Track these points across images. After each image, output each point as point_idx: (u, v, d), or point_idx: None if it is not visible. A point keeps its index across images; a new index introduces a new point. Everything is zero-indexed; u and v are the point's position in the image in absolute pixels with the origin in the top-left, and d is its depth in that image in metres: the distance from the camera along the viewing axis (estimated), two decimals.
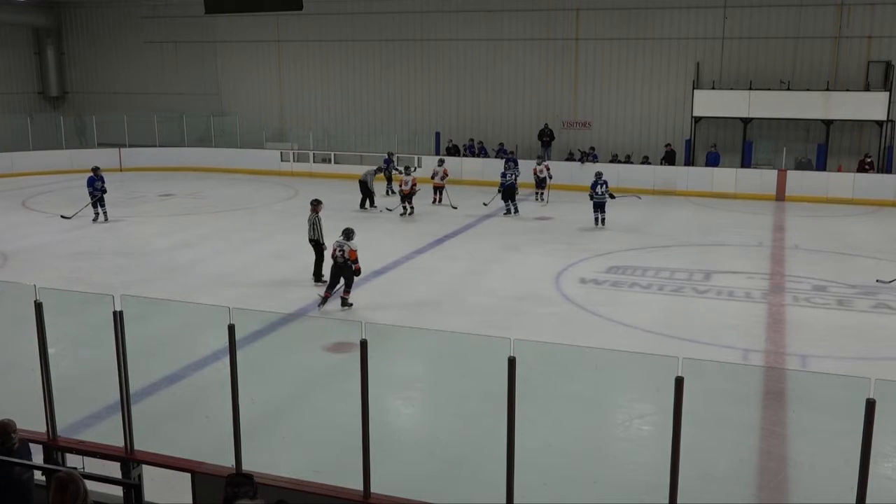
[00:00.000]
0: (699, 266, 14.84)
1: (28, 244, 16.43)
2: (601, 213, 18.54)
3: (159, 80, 32.02)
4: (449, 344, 8.51)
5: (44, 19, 32.37)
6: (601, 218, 18.57)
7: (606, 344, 9.56)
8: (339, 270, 11.91)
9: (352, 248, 11.85)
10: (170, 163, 28.56)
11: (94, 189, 18.70)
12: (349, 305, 12.06)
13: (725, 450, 7.49)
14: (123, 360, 5.36)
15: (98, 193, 18.64)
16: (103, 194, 18.70)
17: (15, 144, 27.93)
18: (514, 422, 4.54)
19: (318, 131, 29.39)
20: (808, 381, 9.06)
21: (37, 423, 5.59)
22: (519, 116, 27.53)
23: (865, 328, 11.46)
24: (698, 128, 24.73)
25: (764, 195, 22.77)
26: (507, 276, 14.18)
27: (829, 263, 15.29)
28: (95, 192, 18.67)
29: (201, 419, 8.14)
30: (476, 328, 10.59)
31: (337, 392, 8.60)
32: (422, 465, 7.19)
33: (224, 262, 15.06)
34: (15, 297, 6.74)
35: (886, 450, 7.22)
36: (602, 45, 26.22)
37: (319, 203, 13.65)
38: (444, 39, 28.00)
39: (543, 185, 22.36)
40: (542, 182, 22.39)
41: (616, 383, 8.74)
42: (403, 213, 20.04)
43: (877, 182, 22.43)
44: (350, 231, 12.06)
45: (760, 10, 24.32)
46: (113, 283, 12.92)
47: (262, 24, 29.23)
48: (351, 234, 11.99)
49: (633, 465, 7.41)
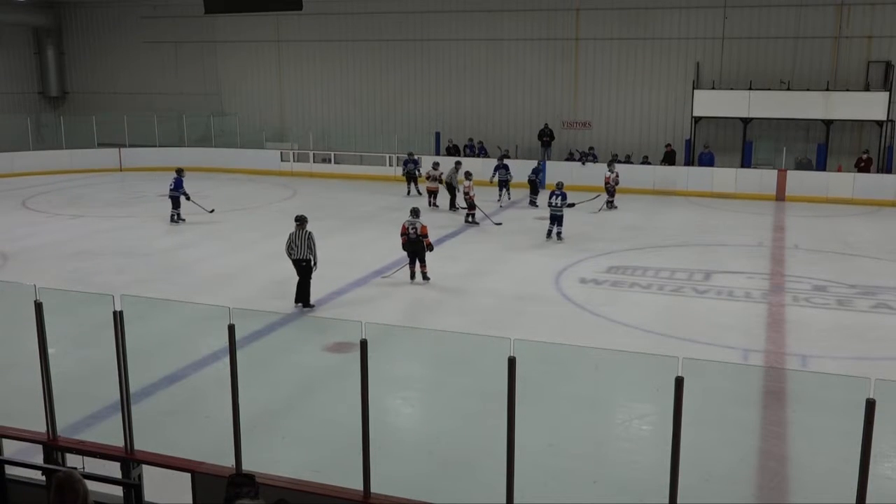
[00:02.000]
0: (699, 266, 14.84)
1: (28, 244, 16.43)
2: (557, 226, 16.93)
3: (159, 80, 32.02)
4: (449, 344, 8.52)
5: (44, 19, 32.37)
6: (555, 231, 16.97)
7: (606, 344, 9.57)
8: (412, 246, 13.49)
9: (423, 225, 13.47)
10: (170, 163, 28.43)
11: (181, 191, 18.50)
12: (428, 279, 13.54)
13: (725, 450, 7.50)
14: (123, 360, 5.36)
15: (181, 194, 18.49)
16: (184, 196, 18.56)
17: (15, 144, 27.93)
18: (514, 422, 4.54)
19: (318, 131, 29.39)
20: (808, 381, 9.07)
21: (37, 423, 5.59)
22: (519, 116, 27.53)
23: (865, 328, 11.46)
24: (698, 128, 24.73)
25: (764, 195, 22.76)
26: (508, 276, 14.18)
27: (829, 263, 15.29)
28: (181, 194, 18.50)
29: (201, 419, 8.14)
30: (476, 328, 10.59)
31: (337, 392, 8.61)
32: (422, 465, 7.20)
33: (224, 262, 15.06)
34: (15, 297, 6.75)
35: (886, 450, 7.22)
36: (602, 45, 26.22)
37: (306, 220, 12.53)
38: (444, 39, 28.00)
39: (613, 193, 21.03)
40: (613, 190, 21.01)
41: (616, 383, 8.75)
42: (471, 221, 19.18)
43: (877, 182, 22.42)
44: (417, 210, 13.91)
45: (760, 10, 24.31)
46: (113, 283, 12.91)
47: (262, 24, 29.23)
48: (419, 213, 13.79)
49: (633, 465, 7.42)
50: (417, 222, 13.46)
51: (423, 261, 13.57)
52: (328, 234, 17.84)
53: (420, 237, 13.41)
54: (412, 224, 13.47)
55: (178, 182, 18.58)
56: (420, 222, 13.48)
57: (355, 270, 14.25)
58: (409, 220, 13.61)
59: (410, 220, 13.59)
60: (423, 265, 13.58)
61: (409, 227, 13.47)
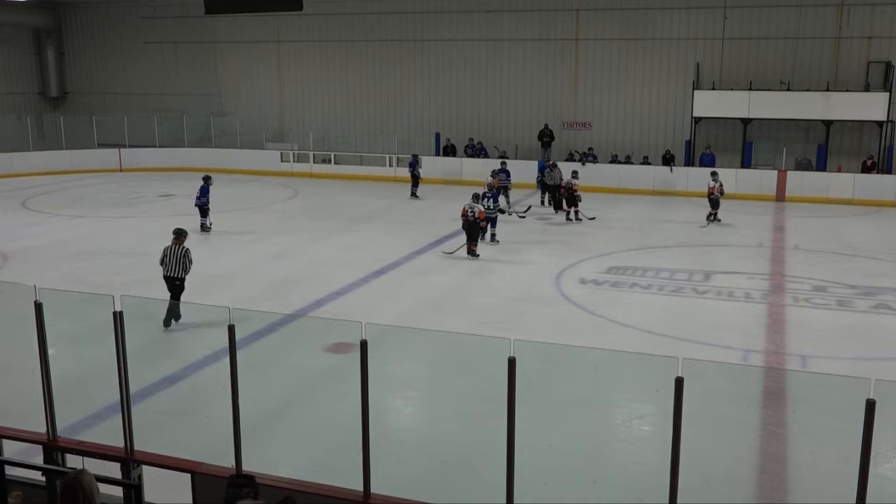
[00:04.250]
0: (699, 266, 14.84)
1: (28, 244, 16.43)
2: (490, 227, 16.51)
3: (159, 80, 32.01)
4: (449, 344, 8.51)
5: (44, 19, 32.36)
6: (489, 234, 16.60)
7: (606, 344, 9.56)
8: (470, 226, 15.22)
9: (481, 210, 15.32)
10: (170, 163, 28.55)
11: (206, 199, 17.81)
12: (476, 255, 15.13)
13: (725, 450, 7.49)
14: (123, 360, 5.36)
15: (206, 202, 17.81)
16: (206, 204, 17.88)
17: (15, 144, 27.94)
18: (514, 422, 4.54)
19: (318, 131, 29.39)
20: (808, 381, 9.06)
21: (37, 423, 5.59)
22: (519, 116, 27.53)
23: (865, 328, 11.46)
24: (698, 128, 24.73)
25: (764, 195, 22.76)
26: (508, 277, 14.18)
27: (829, 264, 15.29)
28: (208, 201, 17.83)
29: (201, 419, 8.14)
30: (476, 328, 10.58)
31: (337, 392, 8.60)
32: (422, 465, 7.19)
33: (224, 262, 15.05)
34: (15, 297, 6.74)
35: (886, 450, 7.22)
36: (602, 46, 26.22)
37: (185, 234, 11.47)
38: (444, 39, 27.99)
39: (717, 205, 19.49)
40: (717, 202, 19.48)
41: (616, 383, 8.74)
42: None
43: (877, 182, 22.42)
44: (478, 195, 15.78)
45: (760, 10, 24.31)
46: (113, 283, 12.91)
47: (262, 24, 29.23)
48: (479, 198, 15.65)
49: (633, 465, 7.41)
50: (476, 206, 15.24)
51: (476, 240, 15.23)
52: (328, 234, 17.90)
53: (477, 220, 15.13)
54: (471, 207, 15.20)
55: (204, 189, 17.81)
56: (479, 207, 15.29)
57: (355, 270, 14.25)
58: (469, 203, 15.32)
59: (470, 203, 15.31)
60: (475, 244, 15.20)
61: (468, 210, 15.20)
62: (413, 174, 23.28)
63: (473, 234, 15.23)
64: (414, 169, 23.24)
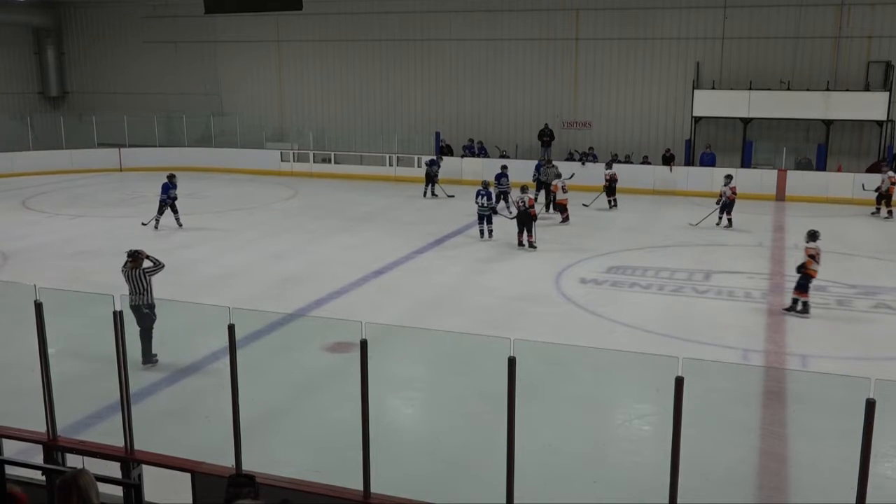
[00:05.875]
0: (699, 266, 14.84)
1: (28, 244, 16.43)
2: (486, 224, 16.71)
3: (159, 80, 32.00)
4: (449, 344, 8.52)
5: (44, 19, 32.36)
6: (485, 230, 16.76)
7: (607, 344, 9.58)
8: (521, 217, 15.41)
9: (530, 197, 15.55)
10: (170, 163, 28.53)
11: (167, 196, 18.06)
12: (534, 247, 15.51)
13: (725, 450, 7.49)
14: (123, 360, 5.35)
15: (169, 200, 18.06)
16: (174, 201, 18.14)
17: (15, 144, 27.93)
18: (514, 422, 4.54)
19: (318, 131, 29.38)
20: (808, 381, 9.07)
21: (37, 423, 5.59)
22: (519, 116, 27.52)
23: (865, 328, 11.46)
24: (698, 128, 24.72)
25: (764, 195, 22.73)
26: (508, 276, 14.17)
27: (829, 263, 15.22)
28: (168, 199, 18.08)
29: (201, 419, 8.14)
30: (476, 328, 10.58)
31: (337, 392, 8.60)
32: (422, 465, 7.19)
33: (224, 262, 15.05)
34: (15, 297, 6.75)
35: (886, 450, 7.22)
36: (602, 45, 26.22)
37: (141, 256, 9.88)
38: (445, 39, 27.99)
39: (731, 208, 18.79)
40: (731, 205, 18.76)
41: (616, 383, 8.74)
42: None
43: (877, 182, 22.34)
44: (526, 187, 16.07)
45: (760, 10, 24.31)
46: (113, 283, 12.88)
47: (262, 24, 29.22)
48: (527, 189, 15.87)
49: (633, 465, 7.41)
50: (525, 196, 15.40)
51: (531, 231, 15.40)
52: (328, 234, 17.90)
53: (528, 209, 15.34)
54: (521, 198, 15.39)
55: (166, 186, 18.12)
56: (528, 195, 15.45)
57: (355, 270, 14.25)
58: (518, 195, 15.68)
59: (520, 195, 15.58)
60: (531, 234, 15.42)
61: (518, 201, 15.47)
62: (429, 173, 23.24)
63: (527, 224, 15.37)
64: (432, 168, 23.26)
